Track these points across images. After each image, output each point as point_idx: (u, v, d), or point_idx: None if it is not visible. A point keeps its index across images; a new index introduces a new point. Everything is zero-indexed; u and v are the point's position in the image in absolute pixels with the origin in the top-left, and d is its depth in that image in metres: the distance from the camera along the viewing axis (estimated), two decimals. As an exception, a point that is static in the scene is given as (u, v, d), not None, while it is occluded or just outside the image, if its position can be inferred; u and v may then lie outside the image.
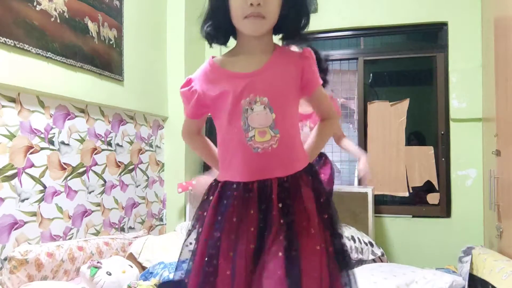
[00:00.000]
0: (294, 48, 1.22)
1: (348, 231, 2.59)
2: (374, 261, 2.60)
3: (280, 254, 0.95)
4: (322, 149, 1.20)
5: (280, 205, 0.99)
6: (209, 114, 1.13)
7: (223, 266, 0.99)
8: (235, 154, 1.05)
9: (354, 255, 2.41)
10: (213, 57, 1.10)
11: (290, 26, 1.08)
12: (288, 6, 1.04)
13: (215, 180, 1.10)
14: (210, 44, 1.12)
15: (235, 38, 1.10)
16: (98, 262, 1.95)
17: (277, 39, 1.12)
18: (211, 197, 1.06)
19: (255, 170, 1.02)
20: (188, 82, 1.11)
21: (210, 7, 1.08)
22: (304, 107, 1.73)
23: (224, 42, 1.11)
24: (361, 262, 2.50)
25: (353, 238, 2.53)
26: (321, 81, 1.11)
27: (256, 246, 0.97)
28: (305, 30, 1.09)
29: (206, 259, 1.00)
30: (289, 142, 1.05)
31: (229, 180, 1.05)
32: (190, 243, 1.09)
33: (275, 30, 1.09)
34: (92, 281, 1.89)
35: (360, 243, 2.52)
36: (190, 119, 1.16)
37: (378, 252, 2.57)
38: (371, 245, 2.57)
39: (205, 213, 1.06)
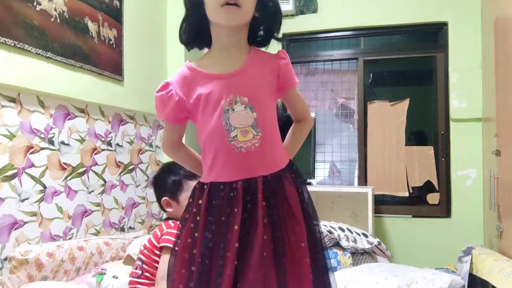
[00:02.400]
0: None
1: (336, 225, 2.59)
2: (374, 252, 2.60)
3: (265, 254, 0.97)
4: (298, 149, 1.23)
5: (264, 203, 1.00)
6: (189, 120, 1.13)
7: (214, 265, 1.00)
8: (218, 155, 1.05)
9: (345, 243, 2.40)
10: (189, 61, 1.10)
11: (266, 28, 1.10)
12: (263, 7, 1.06)
13: (200, 182, 1.09)
14: (188, 49, 1.14)
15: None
16: (102, 269, 1.94)
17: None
18: (199, 201, 1.05)
19: (240, 170, 1.03)
20: (166, 86, 1.08)
21: (186, 9, 1.09)
22: None
23: (201, 46, 1.14)
24: (362, 254, 2.49)
25: (341, 228, 2.52)
26: (297, 81, 1.14)
27: (240, 244, 0.98)
28: (279, 33, 1.13)
29: (199, 259, 1.01)
30: (270, 140, 1.07)
31: (214, 181, 1.05)
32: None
33: (250, 37, 1.11)
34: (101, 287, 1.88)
35: (351, 232, 2.52)
36: (171, 126, 1.15)
37: (374, 241, 2.56)
38: (365, 235, 2.56)
39: (187, 216, 1.07)
